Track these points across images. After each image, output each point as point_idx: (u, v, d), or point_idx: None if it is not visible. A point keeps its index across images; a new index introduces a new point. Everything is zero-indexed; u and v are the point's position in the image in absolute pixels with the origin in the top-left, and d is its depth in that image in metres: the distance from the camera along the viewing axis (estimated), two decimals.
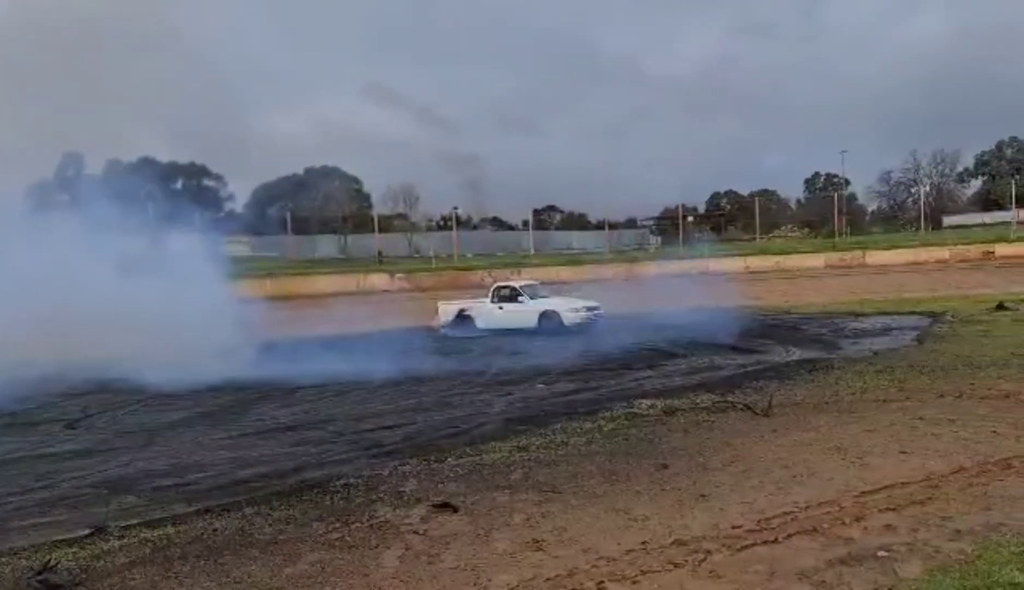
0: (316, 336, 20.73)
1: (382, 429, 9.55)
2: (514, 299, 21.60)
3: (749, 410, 9.03)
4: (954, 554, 4.68)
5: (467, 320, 21.93)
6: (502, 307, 21.54)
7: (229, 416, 11.02)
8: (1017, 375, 10.38)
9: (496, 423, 9.43)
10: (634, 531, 5.39)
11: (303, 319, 23.99)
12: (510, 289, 22.29)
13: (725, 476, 6.59)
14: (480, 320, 21.73)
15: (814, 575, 4.53)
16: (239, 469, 7.87)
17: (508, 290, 22.22)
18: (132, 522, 6.14)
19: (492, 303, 21.85)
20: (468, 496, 6.36)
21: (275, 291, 40.32)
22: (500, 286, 22.81)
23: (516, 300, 21.53)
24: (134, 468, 8.19)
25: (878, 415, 8.52)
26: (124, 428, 10.55)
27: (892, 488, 6.01)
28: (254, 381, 13.83)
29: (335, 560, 5.09)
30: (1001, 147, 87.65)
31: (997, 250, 48.22)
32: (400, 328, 22.13)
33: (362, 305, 29.62)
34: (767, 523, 5.37)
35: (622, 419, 9.01)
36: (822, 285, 33.79)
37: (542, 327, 20.61)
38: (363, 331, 21.43)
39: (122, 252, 17.86)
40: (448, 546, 5.27)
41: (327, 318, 24.55)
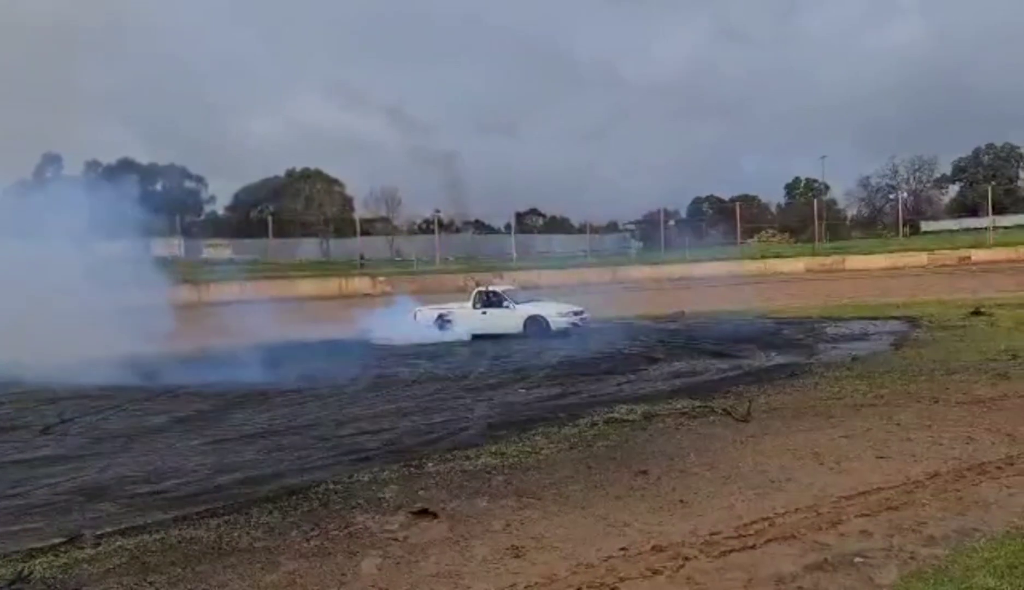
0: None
1: (362, 434, 9.53)
2: (498, 304, 21.49)
3: (728, 415, 9.08)
4: (929, 560, 4.72)
5: (447, 325, 21.78)
6: (485, 312, 21.42)
7: (206, 421, 10.94)
8: (992, 380, 10.50)
9: (476, 428, 9.42)
10: (613, 537, 5.40)
11: (270, 322, 23.53)
12: (494, 294, 22.11)
13: (704, 482, 6.62)
14: (462, 324, 21.56)
15: (791, 581, 4.55)
16: (216, 475, 7.81)
17: (491, 295, 22.03)
18: (108, 530, 6.05)
19: (474, 308, 21.74)
20: (448, 502, 6.34)
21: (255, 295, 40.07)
22: (482, 291, 22.60)
23: (501, 305, 21.43)
24: (110, 474, 8.10)
25: (855, 420, 8.59)
26: (100, 434, 10.44)
27: (868, 493, 6.06)
28: (233, 386, 13.76)
29: (313, 568, 5.06)
30: (978, 153, 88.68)
31: (974, 255, 48.86)
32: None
33: (343, 309, 29.27)
34: (745, 529, 5.40)
35: (602, 424, 9.02)
36: (802, 289, 34.02)
37: (528, 331, 20.51)
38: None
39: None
40: (427, 553, 5.26)
41: (297, 321, 24.16)
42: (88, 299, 17.23)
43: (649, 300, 28.70)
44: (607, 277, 47.31)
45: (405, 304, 24.68)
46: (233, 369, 15.27)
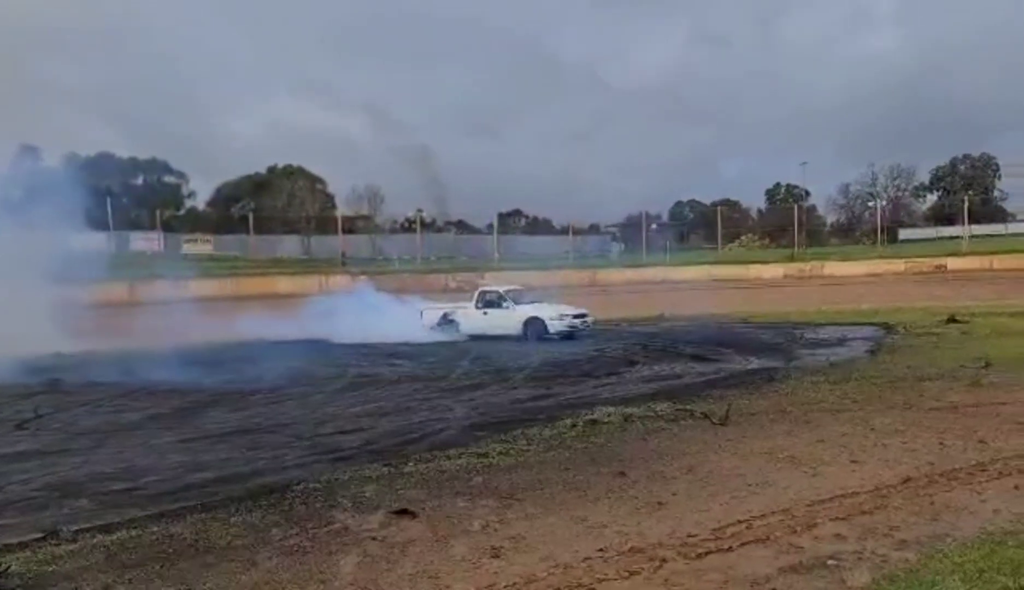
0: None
1: (341, 433, 9.51)
2: (498, 304, 21.14)
3: (707, 419, 9.15)
4: (900, 563, 4.80)
5: (450, 325, 21.51)
6: (486, 312, 21.13)
7: (183, 419, 10.88)
8: (965, 387, 10.66)
9: (456, 429, 9.44)
10: (592, 539, 5.44)
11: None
12: (495, 294, 21.72)
13: (682, 484, 6.68)
14: (464, 324, 21.33)
15: (766, 583, 4.62)
16: (194, 473, 7.77)
17: (493, 295, 21.66)
18: (84, 526, 6.01)
19: (476, 308, 21.42)
20: (427, 502, 6.36)
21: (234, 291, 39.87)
22: (485, 290, 22.28)
23: (500, 306, 21.08)
24: (86, 471, 8.04)
25: (831, 425, 8.70)
26: (76, 429, 10.35)
27: (843, 497, 6.14)
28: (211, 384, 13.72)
29: (292, 566, 5.06)
30: (955, 163, 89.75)
31: (949, 264, 49.52)
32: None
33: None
34: (722, 531, 5.46)
35: (582, 426, 9.07)
36: (781, 295, 34.35)
37: (527, 333, 20.18)
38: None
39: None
40: (406, 552, 5.27)
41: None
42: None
43: (630, 303, 28.83)
44: (588, 279, 47.42)
45: (365, 295, 24.59)
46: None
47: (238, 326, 22.22)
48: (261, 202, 71.22)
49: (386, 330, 20.93)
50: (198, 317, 22.14)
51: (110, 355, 18.18)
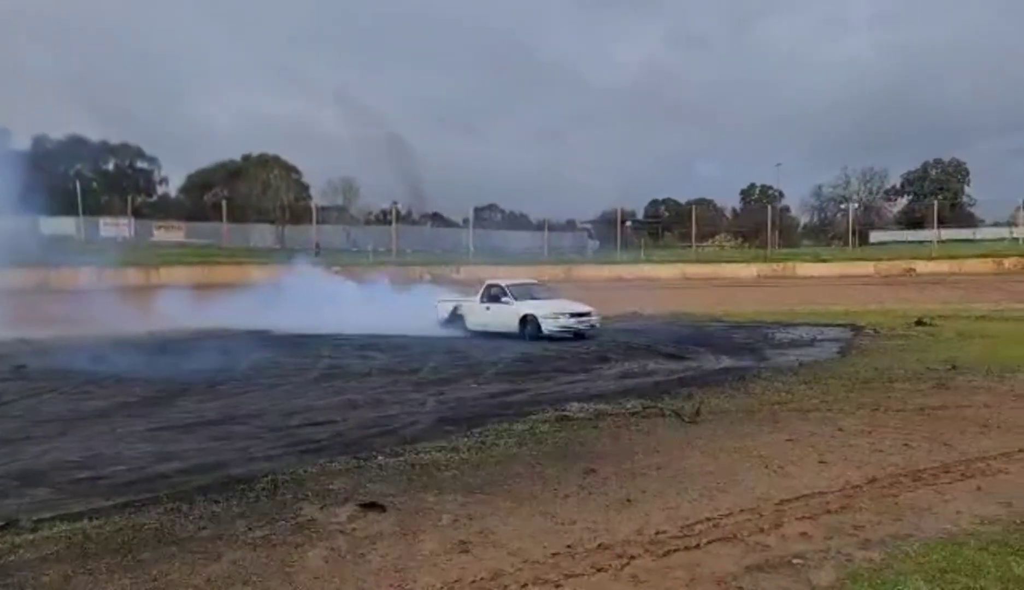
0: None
1: (311, 425, 9.43)
2: (499, 299, 20.40)
3: (677, 417, 9.20)
4: (864, 563, 4.84)
5: (459, 319, 21.06)
6: (489, 307, 20.57)
7: (151, 408, 10.74)
8: (931, 389, 10.81)
9: (427, 423, 9.41)
10: (560, 535, 5.44)
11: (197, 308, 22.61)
12: (498, 288, 20.82)
13: (651, 482, 6.70)
14: (469, 319, 20.87)
15: (732, 581, 4.64)
16: (159, 463, 7.66)
17: (496, 289, 20.82)
18: (45, 515, 5.90)
19: (480, 302, 20.87)
20: (396, 496, 6.32)
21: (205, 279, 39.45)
22: (491, 284, 21.27)
23: (500, 300, 20.37)
24: (48, 459, 7.90)
25: (800, 425, 8.78)
26: (40, 417, 10.18)
27: (809, 497, 6.20)
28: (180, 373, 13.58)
29: (258, 559, 5.00)
30: (926, 167, 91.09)
31: (918, 267, 50.15)
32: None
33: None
34: (690, 529, 5.48)
35: (553, 422, 9.08)
36: (754, 295, 34.64)
37: (523, 332, 19.38)
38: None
39: None
40: (374, 546, 5.23)
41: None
42: None
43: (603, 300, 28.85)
44: (563, 275, 47.46)
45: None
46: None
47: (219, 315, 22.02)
48: (235, 190, 70.53)
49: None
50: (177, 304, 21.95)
51: (77, 342, 17.95)
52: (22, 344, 17.98)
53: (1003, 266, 48.32)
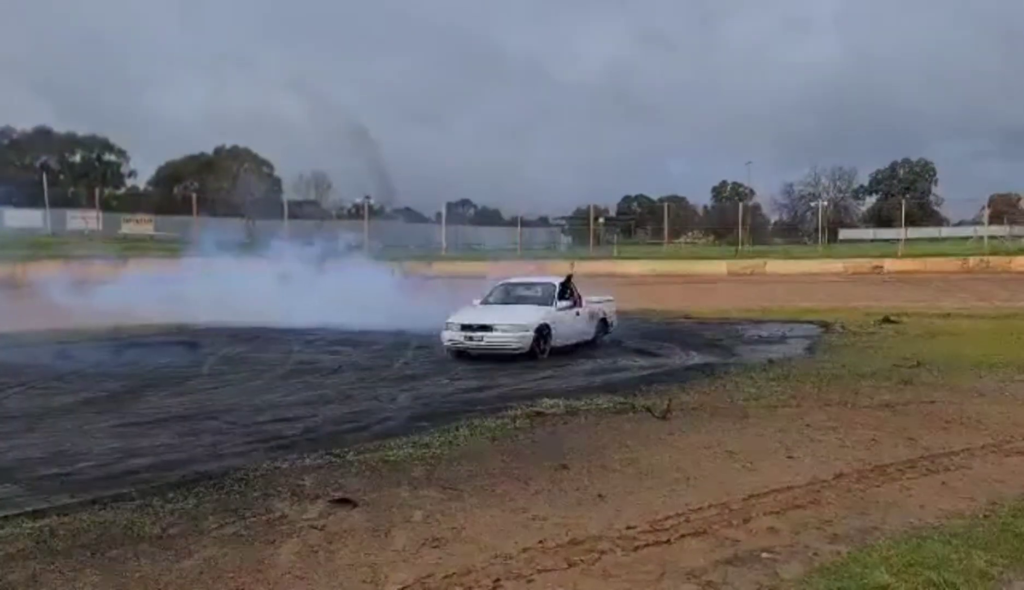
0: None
1: (281, 421, 9.38)
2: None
3: (648, 413, 9.26)
4: (831, 557, 4.93)
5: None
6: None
7: (119, 403, 10.61)
8: (897, 386, 10.99)
9: (399, 419, 9.39)
10: (532, 530, 5.47)
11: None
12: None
13: (622, 477, 6.75)
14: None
15: (702, 575, 4.70)
16: (128, 459, 7.58)
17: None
18: (12, 512, 5.83)
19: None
20: (368, 492, 6.32)
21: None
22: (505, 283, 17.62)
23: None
24: (14, 455, 7.78)
25: (769, 421, 8.89)
26: (5, 412, 10.02)
27: (778, 492, 6.28)
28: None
29: (229, 555, 4.98)
30: (895, 167, 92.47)
31: (886, 265, 50.84)
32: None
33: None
34: (660, 524, 5.54)
35: (524, 418, 9.10)
36: (724, 292, 34.92)
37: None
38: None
39: None
40: (346, 542, 5.23)
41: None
42: None
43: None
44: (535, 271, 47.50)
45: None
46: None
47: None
48: (206, 183, 69.79)
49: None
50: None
51: (43, 337, 17.67)
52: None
53: (968, 265, 49.17)
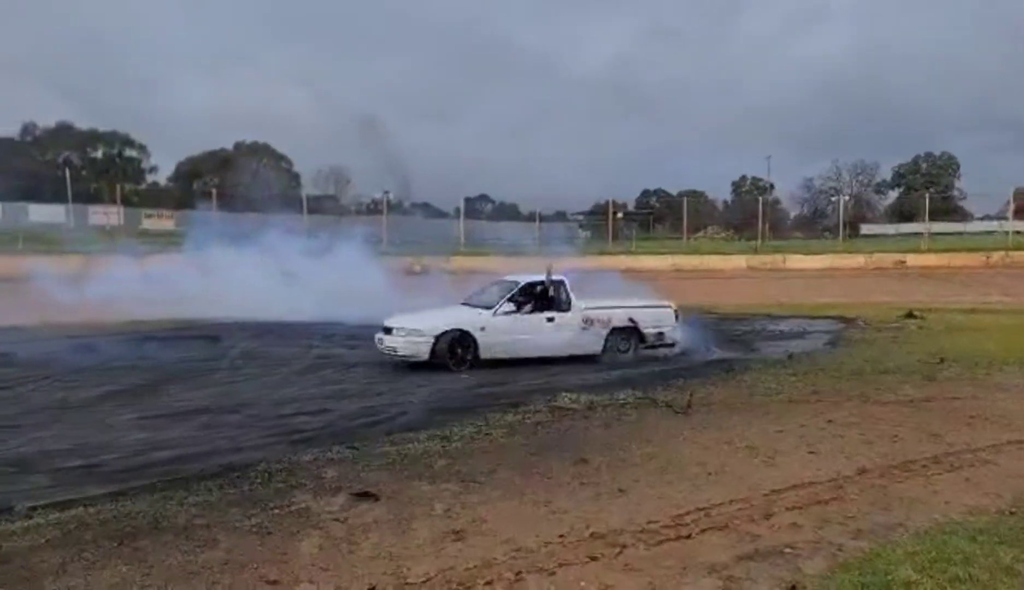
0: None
1: (302, 415, 9.43)
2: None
3: (669, 408, 9.25)
4: (855, 552, 4.90)
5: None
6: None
7: (140, 396, 10.70)
8: (920, 381, 10.90)
9: (419, 412, 9.42)
10: (553, 524, 5.48)
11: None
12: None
13: (643, 472, 6.74)
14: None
15: (723, 570, 4.69)
16: (151, 451, 7.65)
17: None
18: (39, 503, 5.92)
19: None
20: (389, 485, 6.35)
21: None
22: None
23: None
24: (39, 447, 7.87)
25: (790, 416, 8.84)
26: (30, 405, 10.14)
27: (800, 487, 6.26)
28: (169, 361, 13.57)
29: (252, 546, 5.02)
30: (917, 161, 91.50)
31: (909, 260, 50.29)
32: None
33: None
34: (681, 519, 5.53)
35: (544, 412, 9.11)
36: (744, 287, 34.73)
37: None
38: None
39: None
40: (368, 535, 5.26)
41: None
42: None
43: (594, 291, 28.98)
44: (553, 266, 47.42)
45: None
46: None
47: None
48: (225, 179, 70.21)
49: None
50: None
51: (67, 330, 17.87)
52: (13, 332, 17.86)
53: (992, 260, 48.57)
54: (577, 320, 13.63)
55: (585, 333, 13.66)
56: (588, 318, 13.69)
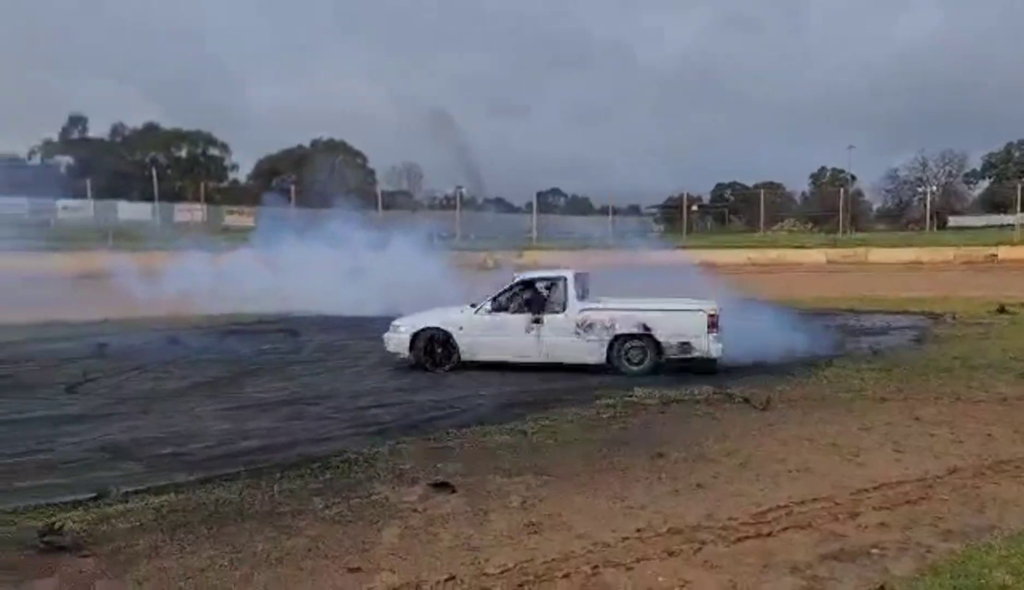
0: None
1: (379, 407, 9.62)
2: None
3: (747, 403, 9.08)
4: (945, 555, 4.73)
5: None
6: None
7: (225, 387, 11.08)
8: (1014, 379, 10.42)
9: (492, 406, 9.48)
10: (629, 518, 5.44)
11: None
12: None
13: (722, 468, 6.64)
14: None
15: (807, 569, 4.58)
16: (237, 441, 7.93)
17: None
18: (134, 488, 6.20)
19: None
20: (465, 477, 6.41)
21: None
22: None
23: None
24: (133, 435, 8.25)
25: (875, 413, 8.57)
26: (123, 394, 10.60)
27: (886, 487, 6.06)
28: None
29: (334, 534, 5.14)
30: (1009, 149, 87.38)
31: (1001, 253, 48.20)
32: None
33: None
34: (762, 516, 5.43)
35: (619, 406, 9.06)
36: (824, 281, 33.81)
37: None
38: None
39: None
40: (446, 525, 5.32)
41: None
42: None
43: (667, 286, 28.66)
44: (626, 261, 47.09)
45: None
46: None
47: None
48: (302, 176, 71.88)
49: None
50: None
51: (155, 322, 18.60)
52: (104, 325, 18.68)
53: None
54: (571, 323, 11.87)
55: (580, 339, 11.81)
56: (585, 321, 11.82)
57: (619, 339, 11.67)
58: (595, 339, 11.74)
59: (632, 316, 11.75)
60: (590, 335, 11.76)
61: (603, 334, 11.72)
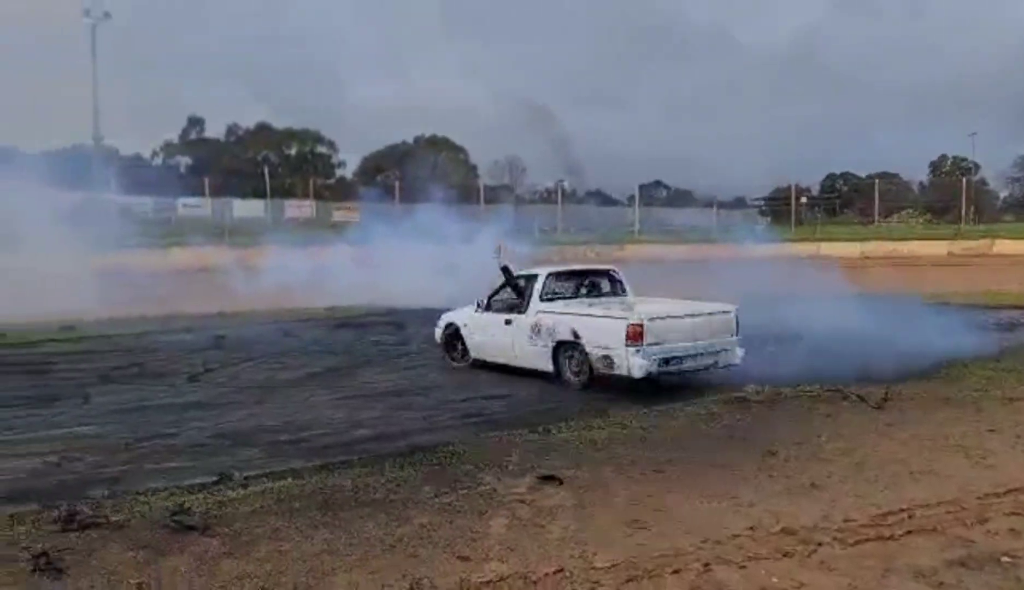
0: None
1: (485, 399, 9.76)
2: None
3: (862, 401, 8.72)
4: None
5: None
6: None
7: (337, 377, 11.46)
8: None
9: (596, 400, 9.43)
10: (739, 516, 5.32)
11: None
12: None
13: (836, 467, 6.41)
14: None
15: (932, 575, 4.38)
16: (350, 429, 8.23)
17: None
18: (254, 473, 6.50)
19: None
20: (572, 470, 6.40)
21: None
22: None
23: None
24: (252, 422, 8.65)
25: (1003, 414, 8.10)
26: (241, 384, 11.11)
27: (1018, 491, 5.72)
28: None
29: (444, 523, 5.24)
30: None
31: None
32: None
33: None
34: (882, 519, 5.21)
35: (728, 403, 8.86)
36: (944, 275, 32.11)
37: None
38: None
39: None
40: (554, 518, 5.34)
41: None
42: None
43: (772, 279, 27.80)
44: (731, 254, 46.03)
45: None
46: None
47: None
48: (405, 172, 73.36)
49: None
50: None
51: (266, 315, 19.37)
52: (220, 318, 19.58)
53: None
54: (527, 326, 10.98)
55: (532, 343, 10.85)
56: (537, 324, 10.78)
57: (561, 346, 10.46)
58: (542, 345, 10.68)
59: (567, 321, 10.45)
60: (539, 340, 10.73)
61: (548, 339, 10.61)
